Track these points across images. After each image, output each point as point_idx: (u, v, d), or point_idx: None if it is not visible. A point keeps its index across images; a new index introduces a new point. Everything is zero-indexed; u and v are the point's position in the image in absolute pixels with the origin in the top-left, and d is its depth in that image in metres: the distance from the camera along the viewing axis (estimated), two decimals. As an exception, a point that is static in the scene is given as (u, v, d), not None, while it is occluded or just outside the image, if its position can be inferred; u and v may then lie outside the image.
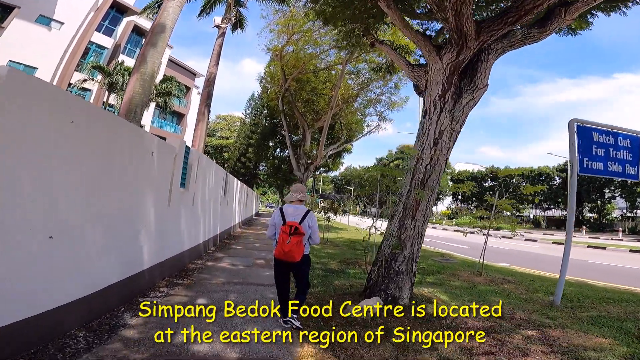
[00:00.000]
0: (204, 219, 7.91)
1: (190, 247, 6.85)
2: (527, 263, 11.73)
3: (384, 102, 20.73)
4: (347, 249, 11.82)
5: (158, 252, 5.01)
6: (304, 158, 18.53)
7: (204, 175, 7.61)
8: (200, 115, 14.19)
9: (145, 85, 8.00)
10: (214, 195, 9.14)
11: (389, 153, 72.46)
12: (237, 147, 43.98)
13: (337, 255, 9.97)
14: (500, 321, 4.33)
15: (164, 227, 5.24)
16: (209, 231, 8.63)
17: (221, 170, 10.05)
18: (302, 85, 18.90)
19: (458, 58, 4.28)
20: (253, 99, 46.59)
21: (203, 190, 7.67)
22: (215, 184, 9.17)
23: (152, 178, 4.62)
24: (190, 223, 6.78)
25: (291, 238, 3.44)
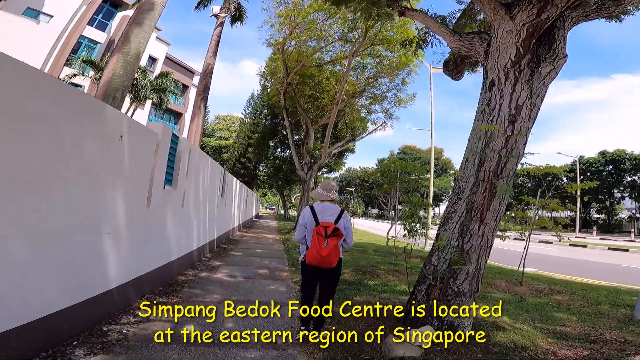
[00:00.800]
0: (197, 222, 6.79)
1: (180, 255, 5.74)
2: (553, 268, 10.68)
3: (390, 99, 19.69)
4: (358, 254, 10.71)
5: (133, 265, 3.90)
6: (307, 157, 17.42)
7: (197, 171, 6.50)
8: (196, 109, 13.10)
9: (127, 67, 6.93)
10: (210, 196, 8.03)
11: (390, 153, 71.53)
12: (237, 147, 42.88)
13: (349, 262, 8.86)
14: (593, 345, 3.26)
15: (142, 233, 4.13)
16: (204, 236, 7.51)
17: (218, 167, 8.94)
18: (305, 80, 17.80)
19: (539, 17, 3.23)
20: (253, 99, 45.61)
21: (196, 190, 6.56)
22: (212, 182, 8.07)
23: (123, 171, 3.50)
24: (180, 228, 5.67)
25: (329, 241, 3.04)
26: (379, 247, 13.41)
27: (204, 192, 7.16)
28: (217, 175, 8.88)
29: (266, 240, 12.98)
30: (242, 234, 14.51)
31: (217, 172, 8.74)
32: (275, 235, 14.99)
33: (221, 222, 9.92)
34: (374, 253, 11.23)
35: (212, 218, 8.38)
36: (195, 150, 6.24)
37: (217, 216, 8.96)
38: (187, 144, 5.65)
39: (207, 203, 7.53)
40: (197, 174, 6.49)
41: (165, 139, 4.53)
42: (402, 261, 9.25)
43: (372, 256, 10.04)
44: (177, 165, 5.20)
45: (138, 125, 3.87)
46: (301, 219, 3.36)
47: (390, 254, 10.32)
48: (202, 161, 6.88)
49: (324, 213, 3.26)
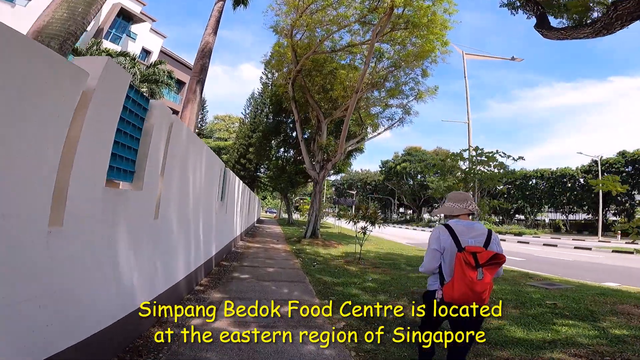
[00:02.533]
0: (185, 239, 4.56)
1: (155, 295, 3.51)
2: (629, 281, 8.42)
3: (407, 92, 17.53)
4: (392, 270, 8.48)
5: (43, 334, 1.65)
6: (320, 154, 15.19)
7: (183, 162, 4.28)
8: (190, 93, 10.89)
9: (76, 10, 4.76)
10: (206, 200, 5.81)
11: (394, 155, 69.26)
12: (236, 148, 40.73)
13: (388, 283, 6.65)
14: None
15: (55, 274, 1.88)
16: (197, 257, 5.28)
17: (217, 160, 6.71)
18: (317, 67, 15.64)
19: None
20: (253, 98, 43.70)
21: (182, 191, 4.33)
22: (208, 181, 5.85)
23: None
24: (153, 253, 3.43)
25: (484, 272, 2.20)
26: (410, 259, 11.17)
27: (195, 195, 4.92)
28: (216, 172, 6.65)
29: (276, 252, 10.73)
30: (245, 244, 12.25)
31: (215, 167, 6.50)
32: (284, 245, 12.74)
33: (221, 233, 7.69)
34: (408, 267, 9.00)
35: (209, 230, 6.15)
36: (180, 128, 4.00)
37: (215, 227, 6.72)
38: (164, 113, 3.42)
39: (200, 211, 5.30)
40: (183, 167, 4.26)
41: (110, 87, 2.30)
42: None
43: (409, 273, 7.80)
44: (144, 146, 2.97)
45: (19, 38, 1.65)
46: (434, 242, 2.48)
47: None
48: (192, 147, 4.65)
49: (466, 234, 2.42)
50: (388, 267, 9.21)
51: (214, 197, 6.45)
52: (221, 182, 7.13)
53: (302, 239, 14.51)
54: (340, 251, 12.15)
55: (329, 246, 13.27)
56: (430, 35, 14.01)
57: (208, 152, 5.75)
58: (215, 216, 6.71)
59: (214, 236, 6.72)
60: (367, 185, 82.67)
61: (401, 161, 64.80)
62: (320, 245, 13.26)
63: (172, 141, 3.65)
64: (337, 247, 13.51)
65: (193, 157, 4.69)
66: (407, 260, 10.79)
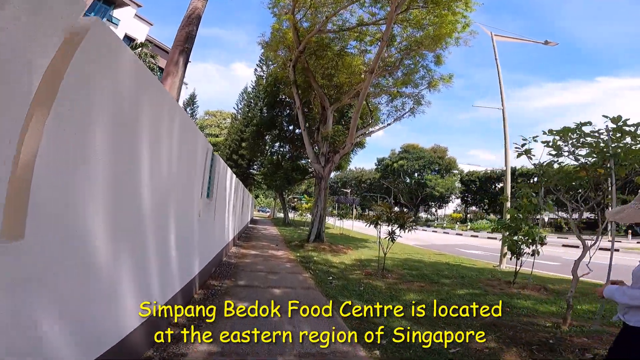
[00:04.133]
0: (136, 268, 2.56)
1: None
2: None
3: (417, 81, 15.67)
4: (429, 285, 6.57)
5: None
6: (325, 145, 13.20)
7: (132, 127, 2.27)
8: (171, 65, 8.78)
9: None
10: (183, 198, 3.80)
11: (391, 153, 67.53)
12: (228, 144, 38.50)
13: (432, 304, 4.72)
14: None
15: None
16: (167, 286, 3.28)
17: (200, 138, 4.67)
18: (322, 47, 13.67)
19: None
20: (246, 92, 41.55)
21: (132, 184, 2.33)
22: (185, 169, 3.84)
23: None
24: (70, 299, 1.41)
25: None
26: (437, 266, 9.28)
27: (159, 188, 2.92)
28: (199, 157, 4.62)
29: (278, 261, 8.73)
30: (239, 250, 10.22)
31: (197, 148, 4.47)
32: (286, 252, 10.75)
33: (207, 242, 5.67)
34: (449, 280, 7.08)
35: (188, 242, 4.14)
36: (149, 80, 2.00)
37: (199, 235, 4.70)
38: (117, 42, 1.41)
39: (170, 215, 3.28)
40: (128, 139, 2.25)
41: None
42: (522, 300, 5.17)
43: (455, 289, 5.90)
44: None
45: None
46: None
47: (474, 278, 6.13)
48: (149, 100, 2.63)
49: None
50: (420, 280, 7.31)
51: (195, 193, 4.42)
52: (207, 172, 5.10)
53: (304, 242, 12.54)
54: (352, 258, 10.22)
55: (337, 252, 11.32)
56: (450, 16, 12.20)
57: (184, 122, 3.72)
58: (199, 220, 4.69)
59: (197, 248, 4.71)
60: (362, 184, 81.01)
61: (398, 159, 63.13)
62: (327, 250, 11.30)
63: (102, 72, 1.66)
64: (347, 252, 11.58)
65: (152, 122, 2.68)
66: (435, 270, 8.92)
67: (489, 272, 9.18)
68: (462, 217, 57.43)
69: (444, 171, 61.33)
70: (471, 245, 20.73)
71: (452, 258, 12.27)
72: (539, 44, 13.32)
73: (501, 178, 51.65)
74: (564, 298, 6.13)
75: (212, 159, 5.64)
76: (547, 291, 6.65)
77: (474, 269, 9.57)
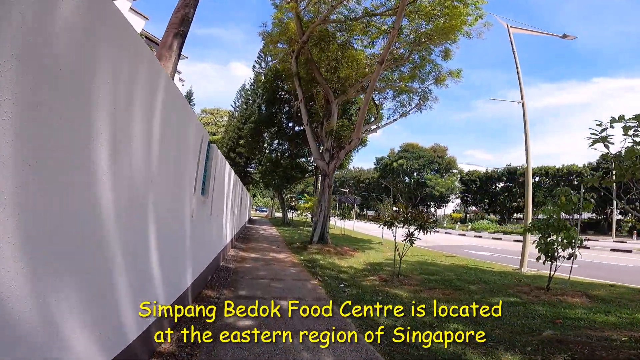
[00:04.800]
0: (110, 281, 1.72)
1: None
2: None
3: (423, 76, 14.91)
4: (455, 292, 5.77)
5: None
6: (329, 140, 12.38)
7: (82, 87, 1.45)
8: (164, 49, 7.92)
9: None
10: (173, 195, 2.99)
11: (390, 152, 66.81)
12: (225, 142, 37.57)
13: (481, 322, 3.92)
14: None
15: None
16: (154, 297, 2.44)
17: (193, 122, 3.82)
18: (327, 37, 12.88)
19: None
20: (244, 90, 40.71)
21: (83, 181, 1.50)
22: (174, 159, 3.02)
23: None
24: None
25: None
26: (454, 270, 8.48)
27: (137, 185, 2.10)
28: (191, 145, 3.78)
29: (280, 265, 7.91)
30: (238, 253, 9.38)
31: (190, 134, 3.63)
32: (288, 254, 9.93)
33: (202, 247, 4.84)
34: (475, 287, 6.26)
35: (179, 248, 3.32)
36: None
37: (192, 240, 3.87)
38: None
39: (150, 216, 2.45)
40: (76, 95, 1.42)
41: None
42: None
43: (486, 297, 5.10)
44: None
45: None
46: None
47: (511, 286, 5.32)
48: (123, 49, 1.81)
49: None
50: (443, 286, 6.52)
51: (187, 188, 3.59)
52: (202, 163, 4.27)
53: (307, 244, 11.72)
54: (361, 262, 9.43)
55: (344, 254, 10.52)
56: (461, 8, 11.49)
57: (172, 95, 2.89)
58: (192, 221, 3.86)
59: (190, 255, 3.88)
60: (361, 183, 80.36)
61: (397, 158, 62.43)
62: (333, 253, 10.50)
63: None
64: (354, 254, 10.78)
65: (124, 86, 1.85)
66: (455, 274, 8.14)
67: (512, 276, 8.42)
68: (462, 217, 56.82)
69: (444, 171, 60.73)
70: (477, 246, 20.00)
71: (466, 260, 11.51)
72: (555, 37, 12.56)
73: (502, 178, 51.07)
74: (616, 305, 5.41)
75: (208, 149, 4.81)
76: (590, 298, 5.89)
77: (494, 273, 8.80)
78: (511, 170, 48.68)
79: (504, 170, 50.09)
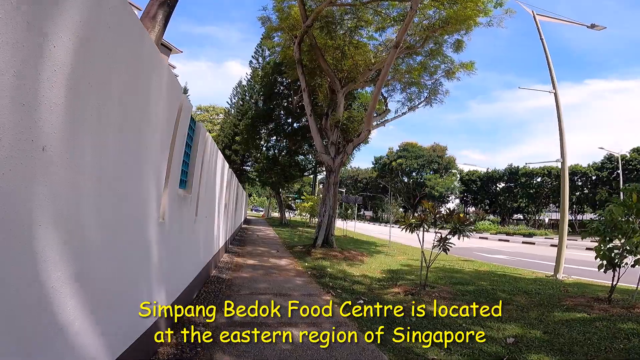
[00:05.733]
0: None
1: None
2: None
3: (431, 68, 13.80)
4: (506, 306, 4.56)
5: None
6: (335, 133, 11.18)
7: None
8: (146, 19, 6.63)
9: None
10: (126, 193, 1.75)
11: (389, 151, 65.76)
12: (221, 139, 36.25)
13: None
14: None
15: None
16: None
17: (173, 82, 2.60)
18: (333, 21, 11.68)
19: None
20: (240, 86, 39.51)
21: None
22: (134, 125, 1.80)
23: None
24: None
25: None
26: (483, 277, 7.30)
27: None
28: (161, 113, 2.54)
29: (283, 275, 6.68)
30: (232, 259, 8.14)
31: (155, 97, 2.40)
32: (290, 260, 8.70)
33: (182, 258, 3.61)
34: (523, 299, 5.08)
35: (136, 270, 2.07)
36: None
37: (162, 254, 2.63)
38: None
39: (55, 237, 1.20)
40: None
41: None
42: None
43: (545, 313, 3.94)
44: None
45: None
46: None
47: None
48: None
49: None
50: (484, 299, 5.36)
51: (151, 179, 2.36)
52: (181, 144, 3.04)
53: (310, 248, 10.51)
54: (374, 269, 8.24)
55: (352, 260, 9.32)
56: None
57: (118, 16, 1.67)
58: (163, 227, 2.63)
59: (159, 273, 2.65)
60: (358, 183, 79.34)
61: (396, 157, 61.37)
62: (340, 258, 9.30)
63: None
64: (364, 260, 9.59)
65: None
66: (488, 283, 7.00)
67: (552, 284, 7.25)
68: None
69: (443, 170, 59.78)
70: (486, 248, 18.89)
71: (487, 265, 10.36)
72: (583, 26, 11.45)
73: (503, 178, 50.10)
74: None
75: (192, 128, 3.58)
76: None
77: (528, 281, 7.65)
78: (513, 171, 47.77)
79: (505, 171, 49.19)
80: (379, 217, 71.54)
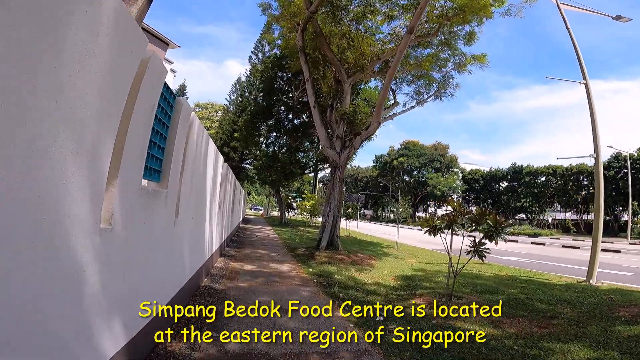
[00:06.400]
0: None
1: None
2: None
3: (442, 62, 12.97)
4: (545, 322, 3.71)
5: None
6: (340, 126, 10.30)
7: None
8: (125, -12, 5.82)
9: None
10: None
11: (390, 150, 64.90)
12: (220, 137, 35.35)
13: None
14: None
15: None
16: None
17: (124, 26, 1.73)
18: (339, 6, 10.80)
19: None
20: (239, 82, 38.67)
21: None
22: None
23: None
24: None
25: None
26: (510, 284, 6.42)
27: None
28: (125, 75, 1.67)
29: (286, 283, 5.81)
30: (228, 264, 7.27)
31: (121, 55, 1.53)
32: (293, 265, 7.84)
33: (151, 276, 2.73)
34: (568, 310, 4.20)
35: (67, 311, 1.16)
36: None
37: (113, 275, 1.74)
38: None
39: None
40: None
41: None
42: None
43: (603, 331, 3.08)
44: None
45: None
46: None
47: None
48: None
49: None
50: (523, 312, 4.50)
51: (88, 155, 1.50)
52: (149, 116, 2.18)
53: (314, 250, 9.65)
54: (386, 275, 7.38)
55: (361, 265, 8.47)
56: None
57: None
58: (111, 236, 1.78)
59: (109, 302, 1.79)
60: (359, 182, 78.49)
61: (397, 156, 60.50)
62: (348, 263, 8.44)
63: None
64: (373, 264, 8.74)
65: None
66: (519, 291, 6.15)
67: (590, 291, 6.39)
68: (465, 217, 55.09)
69: (445, 169, 58.95)
70: (497, 249, 17.97)
71: (507, 269, 9.52)
72: (608, 18, 10.64)
73: (506, 177, 49.27)
74: None
75: (167, 99, 2.71)
76: None
77: (560, 287, 6.80)
78: (516, 170, 46.96)
79: (509, 170, 48.38)
80: (379, 217, 70.68)
